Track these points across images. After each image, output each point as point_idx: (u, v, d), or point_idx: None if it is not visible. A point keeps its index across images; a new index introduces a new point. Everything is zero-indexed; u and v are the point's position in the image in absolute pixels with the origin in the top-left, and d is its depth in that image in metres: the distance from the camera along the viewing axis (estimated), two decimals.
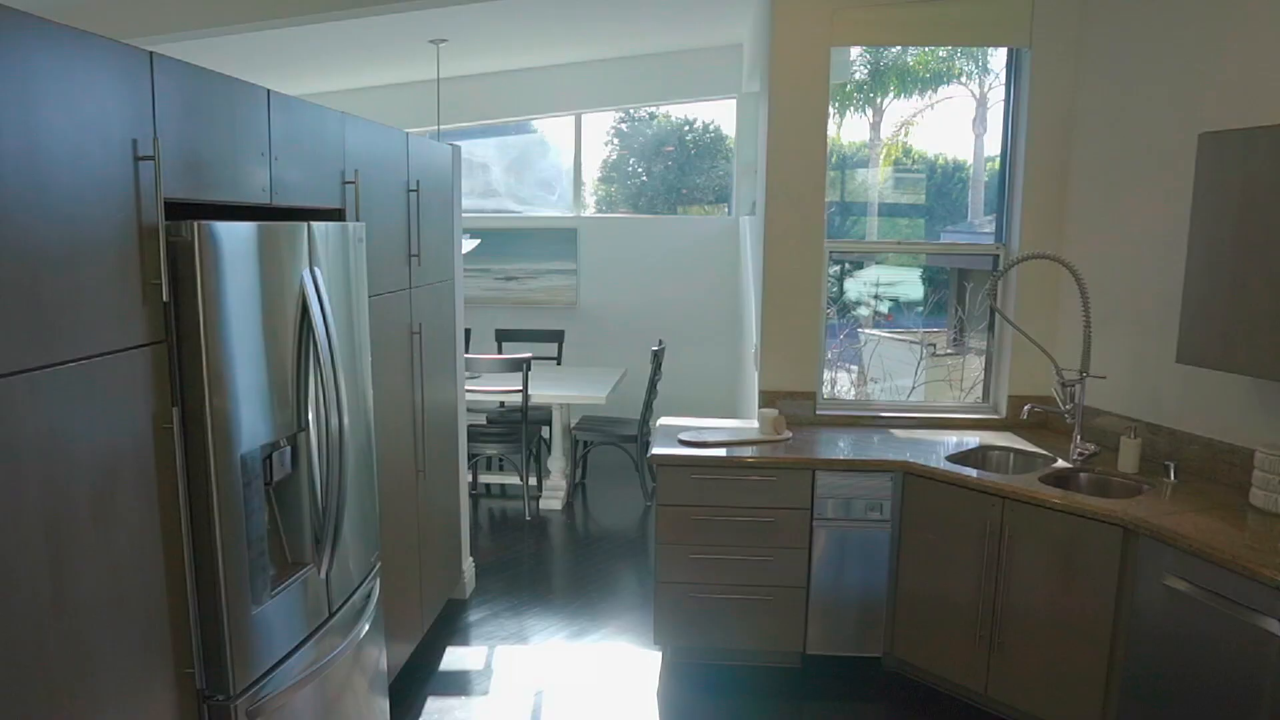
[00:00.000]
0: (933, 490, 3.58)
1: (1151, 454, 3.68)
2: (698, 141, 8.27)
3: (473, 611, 4.51)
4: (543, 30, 6.09)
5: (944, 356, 6.58)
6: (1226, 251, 3.04)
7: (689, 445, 3.81)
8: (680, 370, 7.28)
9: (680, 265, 7.51)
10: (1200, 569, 2.80)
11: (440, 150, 4.08)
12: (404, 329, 3.58)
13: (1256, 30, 3.26)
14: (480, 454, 5.95)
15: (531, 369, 5.81)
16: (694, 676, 3.88)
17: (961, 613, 3.54)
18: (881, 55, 6.89)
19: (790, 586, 3.75)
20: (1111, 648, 3.15)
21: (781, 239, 4.26)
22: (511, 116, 7.74)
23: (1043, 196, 4.21)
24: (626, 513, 6.09)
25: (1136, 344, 3.79)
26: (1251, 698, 2.65)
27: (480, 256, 7.32)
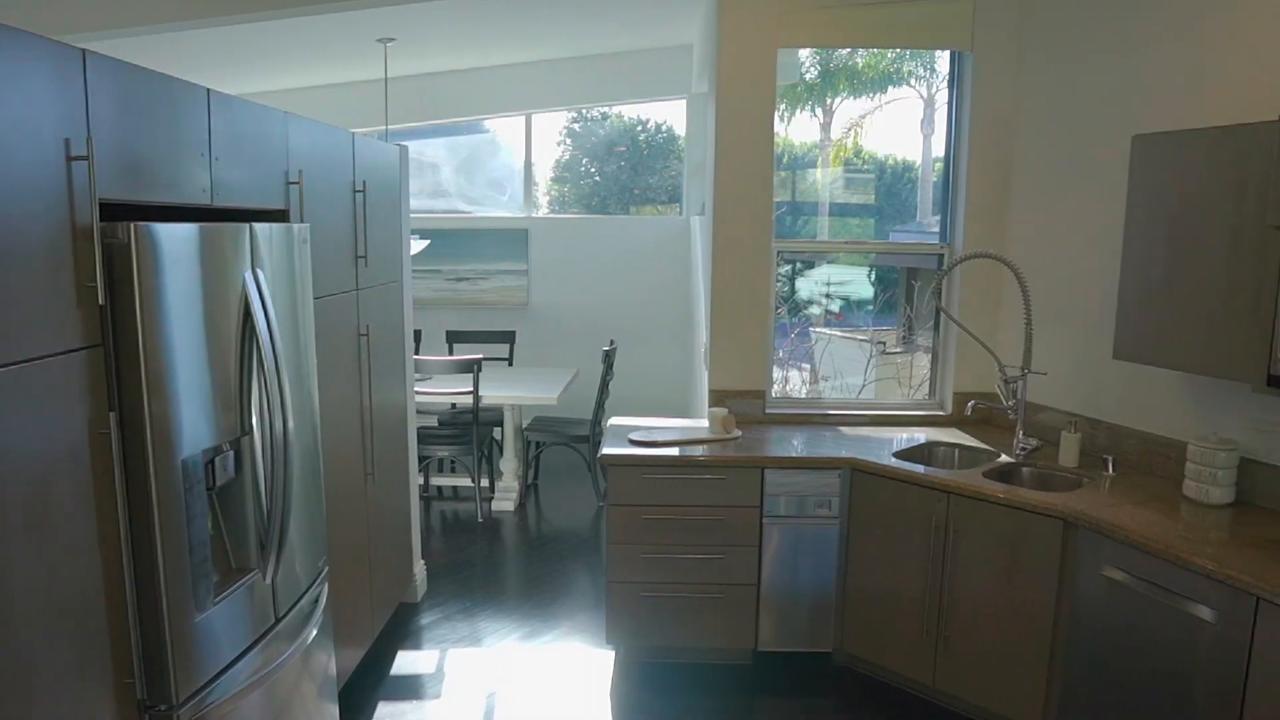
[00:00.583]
0: (880, 486, 3.63)
1: (1091, 448, 3.77)
2: (650, 142, 8.29)
3: (425, 614, 4.48)
4: (492, 30, 6.06)
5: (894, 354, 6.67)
6: (1159, 251, 3.12)
7: (639, 445, 3.83)
8: (633, 370, 7.30)
9: (632, 265, 7.53)
10: (1137, 559, 2.88)
11: (387, 150, 4.05)
12: (351, 331, 3.55)
13: (1186, 36, 3.36)
14: (431, 456, 5.91)
15: (482, 370, 5.79)
16: (647, 675, 3.89)
17: (909, 607, 3.59)
18: (831, 56, 6.97)
19: (741, 584, 3.78)
20: (1053, 638, 3.22)
21: (730, 239, 4.29)
22: (461, 116, 7.69)
23: (985, 197, 4.29)
24: (579, 513, 6.09)
25: (1076, 341, 3.88)
26: (1186, 683, 2.73)
27: (430, 257, 7.26)
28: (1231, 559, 2.64)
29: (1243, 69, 3.16)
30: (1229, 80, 3.21)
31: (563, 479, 6.81)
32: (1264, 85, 3.07)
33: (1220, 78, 3.24)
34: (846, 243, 5.32)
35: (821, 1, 4.16)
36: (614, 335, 7.15)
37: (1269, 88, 3.05)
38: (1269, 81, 3.06)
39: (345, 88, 7.24)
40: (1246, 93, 3.13)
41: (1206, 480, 3.17)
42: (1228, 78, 3.21)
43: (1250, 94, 3.11)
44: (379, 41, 5.84)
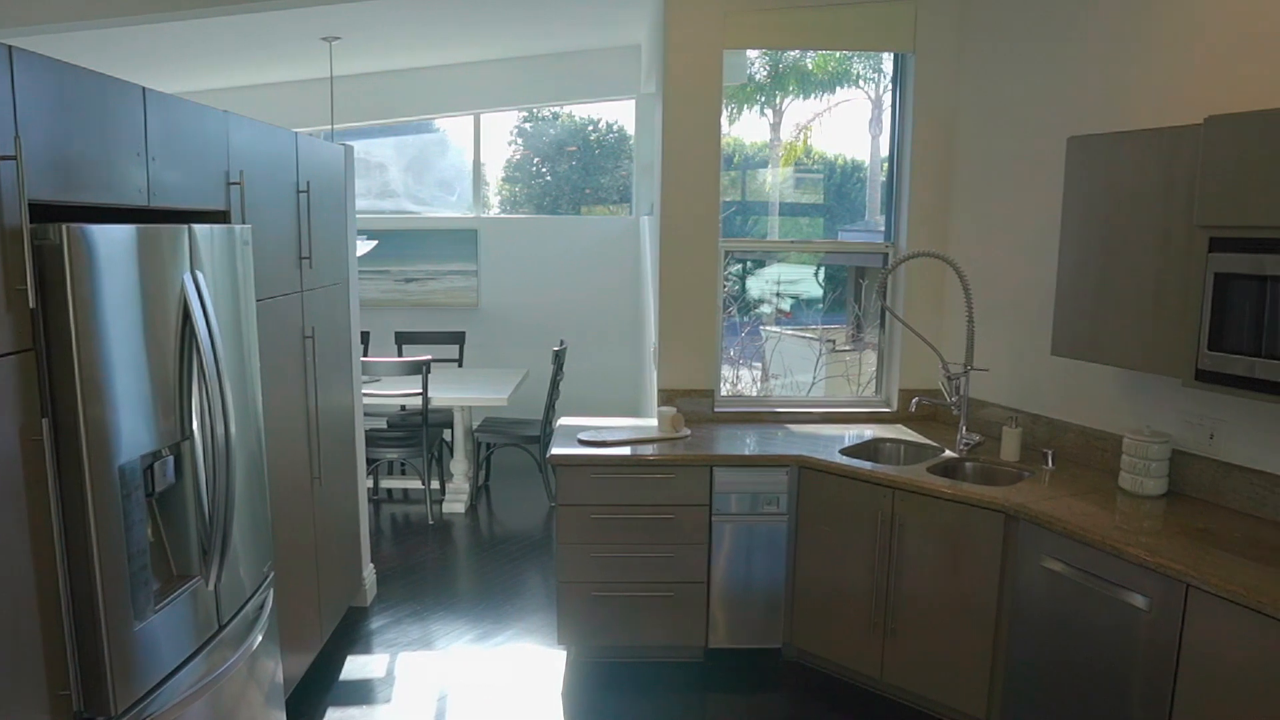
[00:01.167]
0: (827, 483, 3.68)
1: (1032, 442, 3.86)
2: (602, 142, 8.29)
3: (375, 618, 4.44)
4: (439, 29, 6.02)
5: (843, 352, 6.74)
6: (1094, 250, 3.20)
7: (588, 445, 3.83)
8: (584, 370, 7.30)
9: (582, 265, 7.53)
10: (1074, 550, 2.95)
11: (332, 150, 4.00)
12: (296, 333, 3.50)
13: (1118, 40, 3.45)
14: (380, 458, 5.85)
15: (432, 371, 5.75)
16: (599, 675, 3.89)
17: (856, 601, 3.64)
18: (780, 57, 7.03)
19: (691, 582, 3.80)
20: (996, 629, 3.29)
21: (678, 238, 4.31)
22: (408, 116, 7.62)
23: (928, 196, 4.36)
24: (531, 514, 6.07)
25: (1016, 338, 3.96)
26: (1124, 670, 2.80)
27: (378, 258, 7.20)
28: (1163, 548, 2.72)
29: (1171, 73, 3.25)
30: (1159, 84, 3.30)
31: (514, 480, 6.79)
32: (1191, 89, 3.17)
33: (1150, 81, 3.33)
34: (793, 242, 5.37)
35: (767, 4, 4.20)
36: (565, 335, 7.15)
37: (1195, 92, 3.15)
38: (1195, 86, 3.16)
39: (290, 86, 7.14)
40: (1175, 96, 3.23)
41: (1140, 472, 3.26)
42: (1157, 81, 3.30)
43: (1178, 98, 3.21)
44: (324, 40, 5.77)
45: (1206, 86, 3.11)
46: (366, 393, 5.51)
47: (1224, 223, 2.70)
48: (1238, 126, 2.65)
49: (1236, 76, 3.02)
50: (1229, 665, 2.49)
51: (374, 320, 7.20)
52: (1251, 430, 3.07)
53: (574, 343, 7.18)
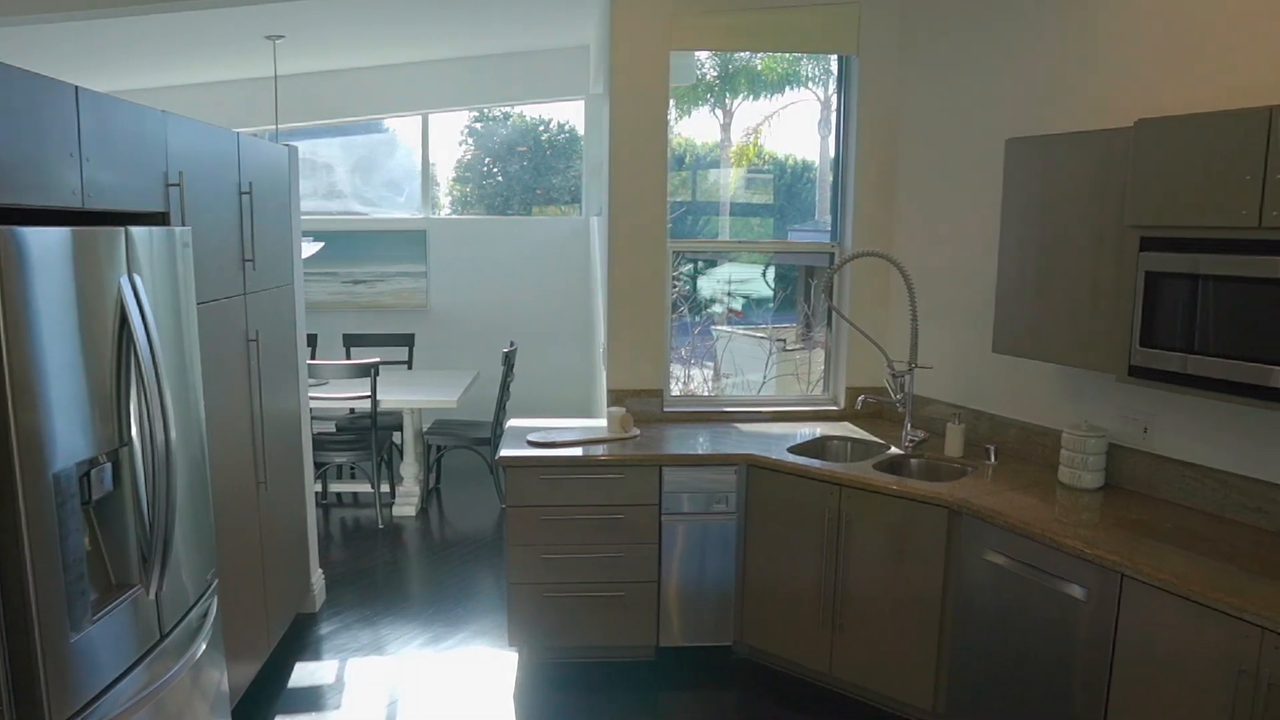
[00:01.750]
0: (775, 481, 3.72)
1: (975, 438, 3.93)
2: (553, 142, 8.27)
3: (324, 624, 4.39)
4: (386, 29, 5.97)
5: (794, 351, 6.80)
6: (1032, 249, 3.28)
7: (537, 446, 3.83)
8: (535, 371, 7.28)
9: (532, 266, 7.51)
10: (1015, 543, 3.02)
11: (275, 151, 3.95)
12: (239, 336, 3.45)
13: (1053, 45, 3.54)
14: (329, 462, 5.79)
15: (380, 373, 5.70)
16: (551, 675, 3.89)
17: (805, 597, 3.68)
18: (730, 58, 7.07)
19: (641, 581, 3.81)
20: (941, 622, 3.35)
21: (626, 239, 4.33)
22: (355, 116, 7.54)
23: (873, 197, 4.42)
24: (482, 516, 6.04)
25: (959, 336, 4.04)
26: (1064, 659, 2.87)
27: (325, 260, 7.11)
28: (1099, 539, 2.80)
29: (1105, 78, 3.34)
30: (1094, 87, 3.39)
31: (465, 482, 6.75)
32: (1122, 93, 3.26)
33: (1086, 85, 3.42)
34: (740, 242, 5.42)
35: (712, 6, 4.23)
36: (515, 336, 7.12)
37: (1126, 96, 3.24)
38: (1126, 90, 3.24)
39: (234, 85, 7.03)
40: (1109, 100, 3.31)
41: (1079, 466, 3.34)
42: (1092, 85, 3.39)
43: (1112, 101, 3.30)
44: (268, 39, 5.69)
45: (1139, 91, 3.20)
46: (314, 396, 5.44)
47: (1153, 223, 2.78)
48: (1165, 130, 2.74)
49: (1167, 82, 3.11)
50: (1161, 651, 2.56)
51: (321, 323, 7.12)
52: (1183, 424, 3.16)
53: (525, 344, 7.16)
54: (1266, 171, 2.46)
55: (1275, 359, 2.46)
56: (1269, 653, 2.29)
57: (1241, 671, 2.35)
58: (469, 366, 7.04)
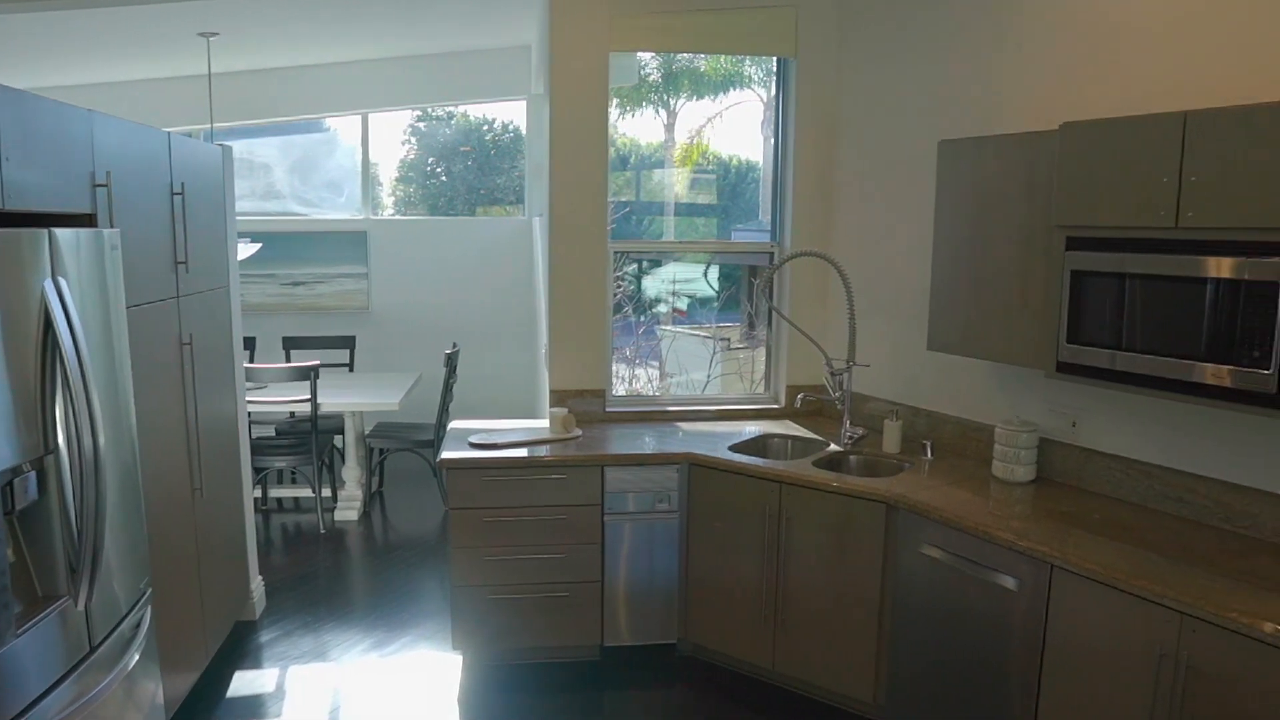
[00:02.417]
0: (716, 479, 3.75)
1: (913, 434, 4.01)
2: (497, 141, 8.23)
3: (264, 632, 4.32)
4: (324, 27, 5.89)
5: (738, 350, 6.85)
6: (964, 249, 3.35)
7: (479, 448, 3.81)
8: (479, 372, 7.24)
9: (475, 267, 7.47)
10: (950, 537, 3.08)
11: (208, 151, 3.88)
12: (172, 340, 3.38)
13: (983, 49, 3.62)
14: (269, 467, 5.70)
15: (321, 376, 5.62)
16: (495, 677, 3.88)
17: (747, 594, 3.72)
18: (673, 59, 7.11)
19: (585, 581, 3.82)
20: (880, 615, 3.40)
21: (566, 240, 4.33)
22: (293, 115, 7.43)
23: (811, 197, 4.48)
24: (426, 519, 6.00)
25: (896, 334, 4.11)
26: (999, 648, 2.94)
27: (264, 261, 6.99)
28: (1030, 531, 2.87)
29: (1031, 80, 3.43)
30: (1021, 90, 3.47)
31: (408, 485, 6.69)
32: (1049, 96, 3.35)
33: (1014, 88, 3.50)
34: (680, 243, 5.46)
35: (651, 8, 4.25)
36: (459, 338, 7.07)
37: (1053, 99, 3.33)
38: (1053, 93, 3.33)
39: (166, 83, 6.88)
40: (1037, 103, 3.40)
41: (1011, 460, 3.43)
42: (1020, 88, 3.48)
43: (1039, 104, 3.39)
44: (201, 36, 5.58)
45: (1065, 94, 3.29)
46: (252, 400, 5.35)
47: (1077, 223, 2.86)
48: (1088, 133, 2.82)
49: (1091, 85, 3.21)
50: (1088, 637, 2.64)
51: (260, 325, 7.00)
52: (1110, 418, 3.26)
53: (468, 345, 7.11)
54: (1182, 174, 2.55)
55: (1197, 355, 2.55)
56: (1187, 636, 2.38)
57: (1162, 655, 2.44)
58: (411, 368, 6.98)
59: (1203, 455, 2.98)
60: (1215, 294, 2.50)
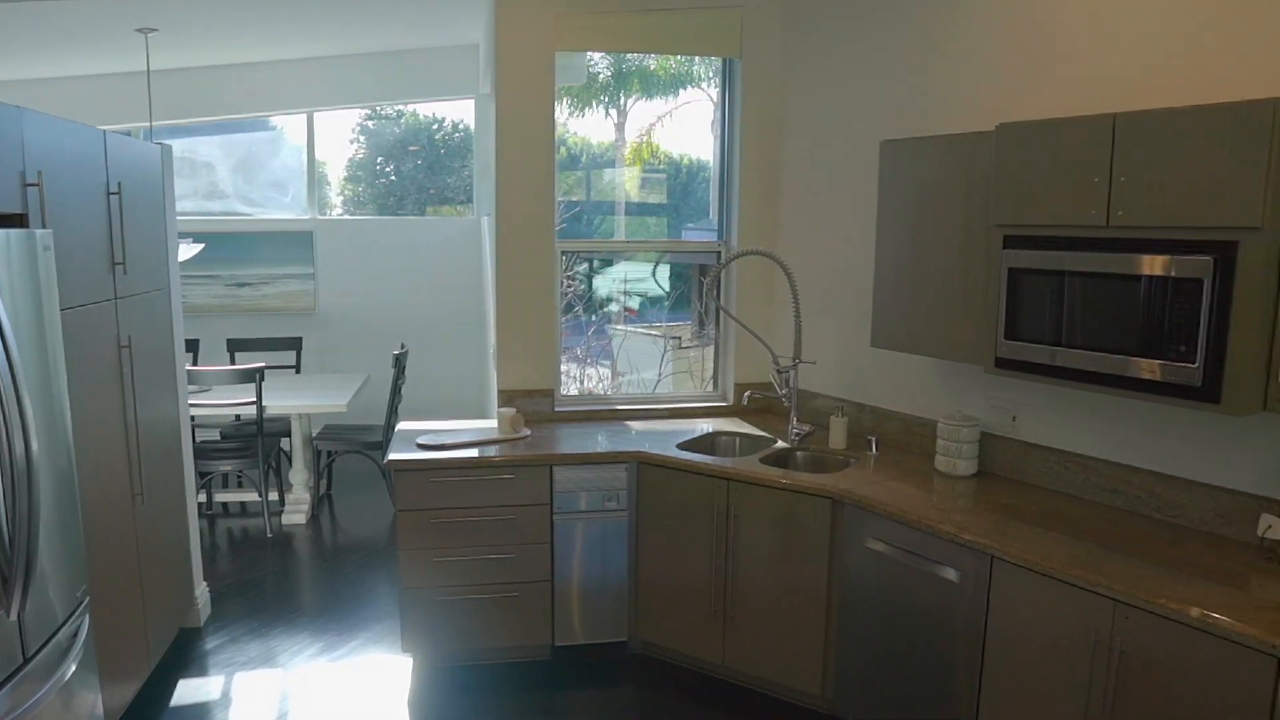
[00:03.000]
0: (665, 477, 3.77)
1: (858, 430, 4.06)
2: (447, 141, 8.18)
3: (210, 638, 4.25)
4: (267, 25, 5.80)
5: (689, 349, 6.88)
6: (906, 247, 3.41)
7: (426, 449, 3.79)
8: (428, 373, 7.19)
9: (424, 267, 7.41)
10: (895, 531, 3.13)
11: (146, 149, 3.81)
12: (110, 342, 3.32)
13: (925, 50, 3.68)
14: (214, 471, 5.61)
15: (266, 378, 5.54)
16: (446, 679, 3.86)
17: (697, 591, 3.75)
18: (623, 58, 7.11)
19: (535, 581, 3.82)
20: (827, 609, 3.45)
21: (514, 239, 4.32)
22: (236, 114, 7.31)
23: (757, 196, 4.52)
24: (376, 521, 5.94)
25: (842, 331, 4.16)
26: (942, 639, 3.00)
27: (207, 262, 6.87)
28: (972, 524, 2.93)
29: (969, 82, 3.50)
30: (960, 91, 3.54)
31: (357, 487, 6.62)
32: (987, 97, 3.42)
33: (954, 88, 3.57)
34: (628, 242, 5.47)
35: (597, 7, 4.25)
36: (408, 338, 7.02)
37: (990, 100, 3.40)
38: (990, 94, 3.40)
39: (103, 80, 6.73)
40: (975, 103, 3.47)
41: (954, 454, 3.49)
42: (959, 89, 3.54)
43: (977, 105, 3.45)
44: (139, 31, 5.46)
45: (1003, 95, 3.37)
46: (196, 403, 5.26)
47: (1014, 222, 2.93)
48: (1023, 134, 2.89)
49: (1028, 87, 3.28)
50: (1027, 627, 2.70)
51: (204, 327, 6.88)
52: (1048, 412, 3.33)
53: (418, 346, 7.06)
54: (1112, 174, 2.62)
55: (1129, 350, 2.62)
56: (1120, 623, 2.45)
57: (1097, 642, 2.51)
58: (359, 369, 6.91)
59: (1136, 447, 3.06)
60: (1145, 291, 2.57)
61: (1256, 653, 2.17)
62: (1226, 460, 2.82)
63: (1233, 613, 2.25)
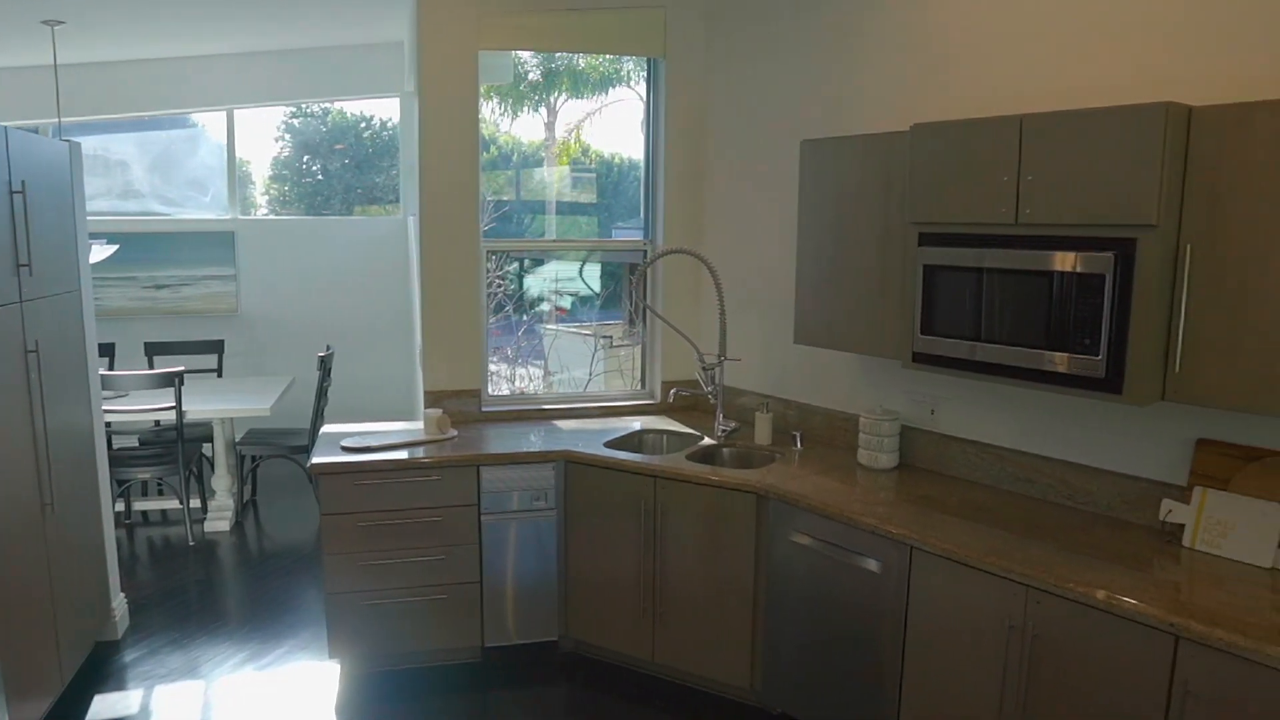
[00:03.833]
0: (592, 475, 3.78)
1: (784, 426, 4.12)
2: (375, 139, 8.06)
3: (128, 651, 4.13)
4: (185, 20, 5.65)
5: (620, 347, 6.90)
6: (826, 245, 3.47)
7: (351, 451, 3.74)
8: (355, 375, 7.08)
9: (350, 267, 7.30)
10: (818, 524, 3.19)
11: (53, 147, 3.69)
12: (16, 348, 3.20)
13: (843, 51, 3.75)
14: (132, 479, 5.46)
15: (186, 382, 5.41)
16: (375, 684, 3.82)
17: (626, 588, 3.76)
18: (552, 57, 7.09)
19: (464, 583, 3.80)
20: (754, 603, 3.49)
21: (438, 239, 4.28)
22: (151, 110, 7.10)
23: (682, 195, 4.55)
24: (303, 526, 5.84)
25: (766, 328, 4.22)
26: (866, 629, 3.06)
27: (123, 263, 6.68)
28: (892, 516, 3.00)
29: (886, 82, 3.57)
30: (877, 92, 3.61)
31: (284, 492, 6.50)
32: (904, 97, 3.49)
33: (870, 89, 3.64)
34: (554, 241, 5.47)
35: (521, 6, 4.24)
36: (335, 340, 6.91)
37: (907, 100, 3.47)
38: (907, 94, 3.48)
39: (6, 74, 6.48)
40: (891, 103, 3.54)
41: (875, 448, 3.57)
42: (876, 89, 3.62)
43: (894, 104, 3.53)
44: (45, 23, 5.27)
45: (919, 95, 3.45)
46: (112, 409, 5.11)
47: (928, 219, 3.00)
48: (936, 134, 2.96)
49: (942, 88, 3.36)
50: (946, 614, 2.78)
51: (121, 330, 6.68)
52: (965, 405, 3.43)
53: (344, 347, 6.95)
54: (1020, 173, 2.70)
55: (1038, 343, 2.71)
56: (1032, 607, 2.53)
57: (1011, 626, 2.59)
58: (284, 372, 6.77)
59: (1048, 438, 3.16)
60: (1052, 286, 2.66)
61: (1157, 631, 2.26)
62: (1131, 449, 2.93)
63: (1135, 594, 2.35)
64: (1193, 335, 2.45)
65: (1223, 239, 2.38)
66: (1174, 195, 2.44)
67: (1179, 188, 2.44)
